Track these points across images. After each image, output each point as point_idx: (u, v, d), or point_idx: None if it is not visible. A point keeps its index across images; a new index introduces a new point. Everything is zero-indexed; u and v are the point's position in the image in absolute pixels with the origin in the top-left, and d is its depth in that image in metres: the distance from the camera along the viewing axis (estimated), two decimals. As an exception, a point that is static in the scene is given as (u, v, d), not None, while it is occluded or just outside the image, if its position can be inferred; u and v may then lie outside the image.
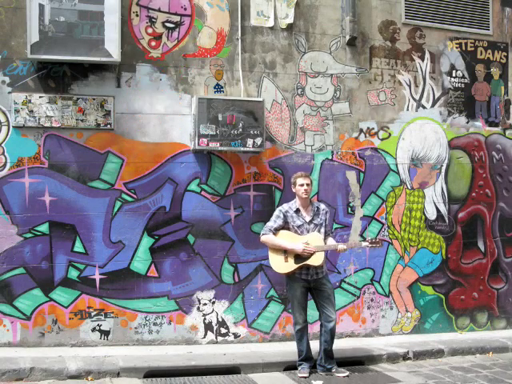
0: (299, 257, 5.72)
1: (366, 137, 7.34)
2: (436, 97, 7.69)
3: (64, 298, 6.22)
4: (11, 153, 6.10)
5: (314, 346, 6.01)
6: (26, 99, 6.13)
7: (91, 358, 5.77)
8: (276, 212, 5.92)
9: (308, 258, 5.69)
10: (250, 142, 6.58)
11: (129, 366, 5.67)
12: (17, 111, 6.10)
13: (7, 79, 6.11)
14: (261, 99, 6.75)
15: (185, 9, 6.64)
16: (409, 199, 7.49)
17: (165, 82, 6.59)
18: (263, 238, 5.85)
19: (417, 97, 7.60)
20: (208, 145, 6.46)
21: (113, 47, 6.12)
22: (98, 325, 6.30)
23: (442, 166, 7.67)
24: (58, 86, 6.24)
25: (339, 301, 6.91)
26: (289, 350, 6.31)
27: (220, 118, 6.48)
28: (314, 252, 5.68)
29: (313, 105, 7.14)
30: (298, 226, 5.82)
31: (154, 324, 6.47)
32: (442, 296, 7.62)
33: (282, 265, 5.78)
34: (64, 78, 6.26)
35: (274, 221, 5.85)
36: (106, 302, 6.33)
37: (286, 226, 5.85)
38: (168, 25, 6.57)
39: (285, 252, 5.76)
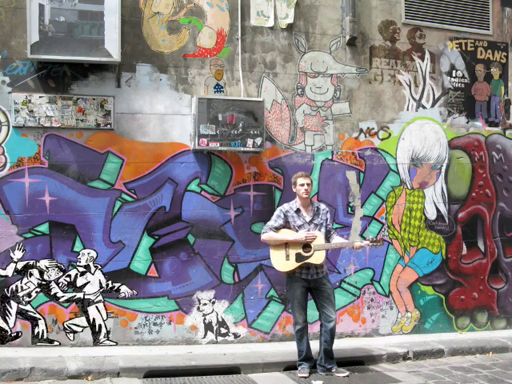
0: (300, 255, 5.73)
1: (365, 137, 7.34)
2: (436, 97, 7.69)
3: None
4: (11, 153, 6.10)
5: (314, 346, 6.01)
6: (26, 99, 6.13)
7: (91, 358, 5.77)
8: (277, 212, 5.93)
9: (309, 256, 5.70)
10: (250, 142, 6.58)
11: (129, 366, 5.67)
12: (17, 111, 6.10)
13: (7, 79, 6.11)
14: (261, 99, 6.75)
15: None
16: (409, 199, 7.49)
17: (165, 82, 6.59)
18: (264, 237, 5.86)
19: (417, 97, 7.60)
20: (208, 145, 6.47)
21: (113, 47, 6.12)
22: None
23: (441, 165, 7.67)
24: (58, 86, 6.24)
25: (339, 301, 6.91)
26: (289, 349, 6.31)
27: (220, 118, 6.48)
28: (317, 237, 5.72)
29: (313, 105, 7.14)
30: (299, 226, 5.82)
31: (154, 324, 6.47)
32: (442, 296, 7.62)
33: (283, 263, 5.79)
34: (64, 78, 6.26)
35: (275, 220, 5.86)
36: (106, 302, 6.32)
37: (286, 225, 5.85)
38: None
39: (286, 250, 5.76)
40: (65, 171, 6.24)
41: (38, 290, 6.11)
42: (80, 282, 6.23)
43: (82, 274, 6.24)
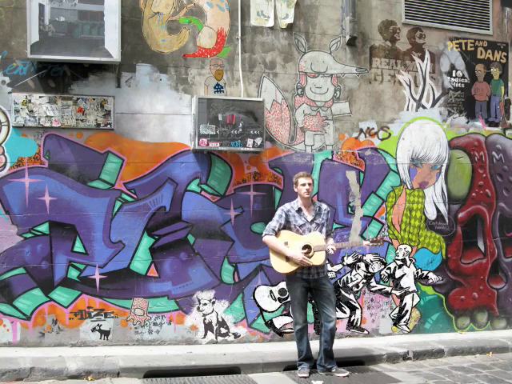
0: (299, 257, 5.73)
1: (366, 137, 7.34)
2: (436, 97, 7.69)
3: (64, 297, 6.22)
4: (11, 153, 6.10)
5: (314, 346, 6.01)
6: (26, 99, 6.13)
7: (91, 358, 5.77)
8: (278, 211, 5.92)
9: (309, 258, 5.69)
10: (250, 142, 6.58)
11: (129, 366, 5.67)
12: (17, 111, 6.11)
13: (7, 79, 6.11)
14: (261, 99, 6.75)
15: None
16: (409, 199, 7.49)
17: (165, 82, 6.59)
18: (265, 239, 5.86)
19: (417, 97, 7.60)
20: (208, 145, 6.47)
21: (113, 47, 6.12)
22: (97, 325, 6.30)
23: (441, 165, 7.67)
24: (58, 86, 6.24)
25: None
26: (289, 350, 6.31)
27: (220, 118, 6.48)
28: (312, 265, 5.70)
29: (313, 105, 7.14)
30: (300, 226, 5.82)
31: (154, 324, 6.47)
32: (442, 296, 7.62)
33: (282, 265, 5.79)
34: (64, 78, 6.26)
35: (277, 220, 5.85)
36: (105, 302, 6.33)
37: (287, 225, 5.85)
38: None
39: (285, 252, 5.78)
40: (65, 171, 6.24)
41: (364, 281, 7.09)
42: (398, 273, 7.27)
43: (400, 266, 7.27)
